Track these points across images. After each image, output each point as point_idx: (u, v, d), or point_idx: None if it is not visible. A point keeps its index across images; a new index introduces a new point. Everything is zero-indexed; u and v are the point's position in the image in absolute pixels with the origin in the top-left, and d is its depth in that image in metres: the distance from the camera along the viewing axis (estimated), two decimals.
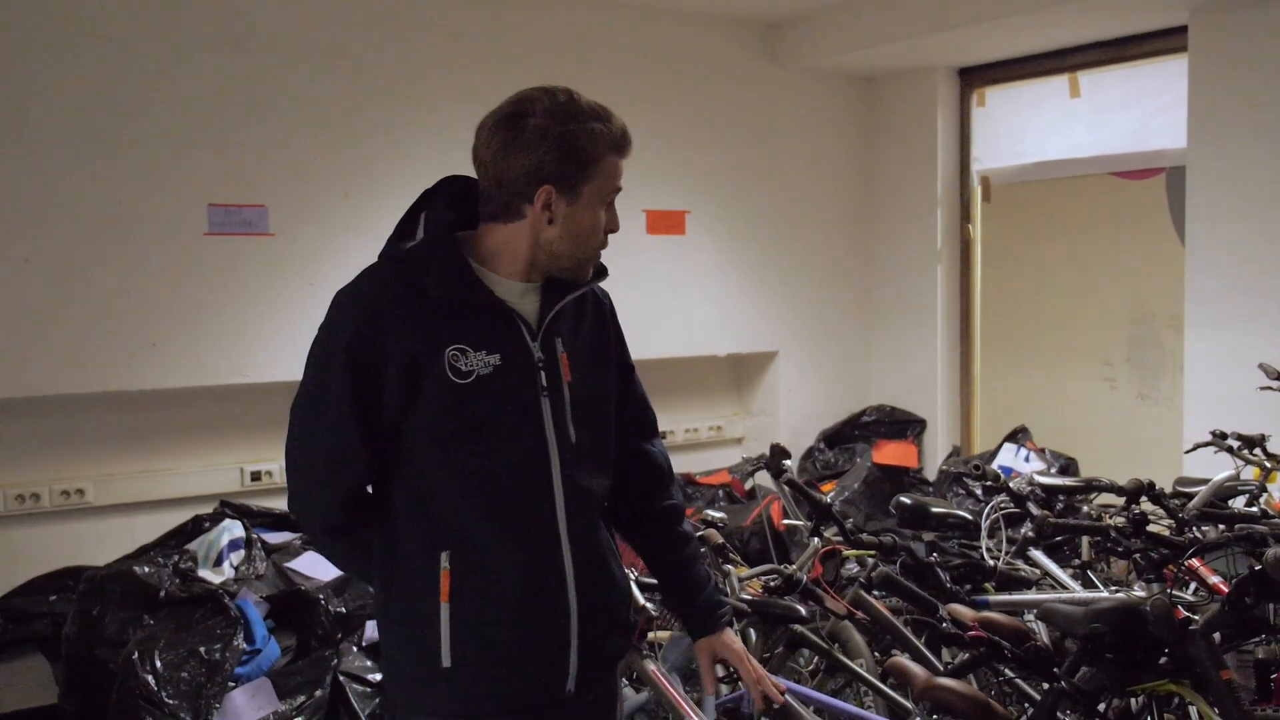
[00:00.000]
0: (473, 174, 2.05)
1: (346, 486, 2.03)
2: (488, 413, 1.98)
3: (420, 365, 1.94)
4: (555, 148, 1.98)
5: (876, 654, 3.28)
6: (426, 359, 1.94)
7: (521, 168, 1.98)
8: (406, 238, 2.03)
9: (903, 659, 2.52)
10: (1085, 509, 3.82)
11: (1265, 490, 3.82)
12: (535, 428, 2.02)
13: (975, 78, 6.18)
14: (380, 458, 2.02)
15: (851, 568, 3.38)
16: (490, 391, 1.97)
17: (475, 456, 1.98)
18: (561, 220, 2.02)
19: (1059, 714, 2.39)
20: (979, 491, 5.20)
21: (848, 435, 6.33)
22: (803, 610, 2.85)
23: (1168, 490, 3.65)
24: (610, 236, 2.14)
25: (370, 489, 2.07)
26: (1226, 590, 2.75)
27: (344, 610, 3.94)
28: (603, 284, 2.22)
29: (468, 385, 1.96)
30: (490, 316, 2.01)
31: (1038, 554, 3.58)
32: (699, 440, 6.20)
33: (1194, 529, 3.36)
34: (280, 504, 4.34)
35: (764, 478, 5.43)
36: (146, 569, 3.93)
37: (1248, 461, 3.94)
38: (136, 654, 3.62)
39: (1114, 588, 3.50)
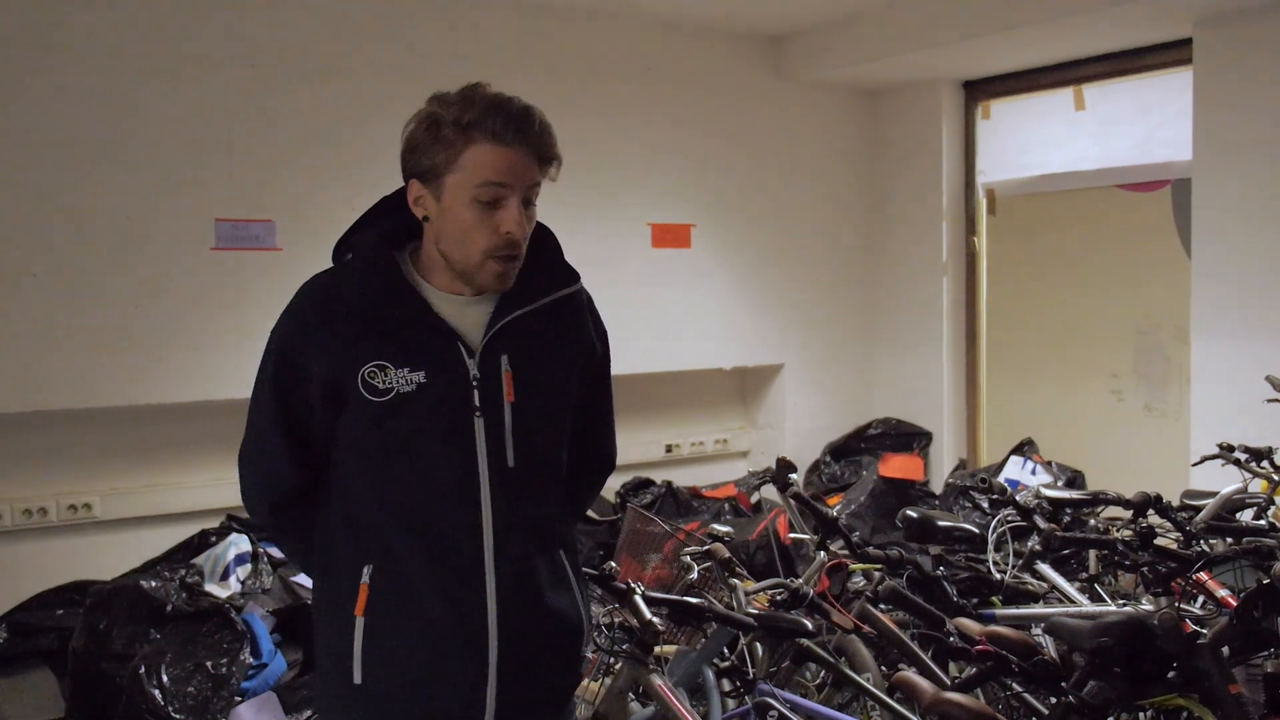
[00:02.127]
0: None
1: (276, 492, 2.03)
2: (408, 432, 1.90)
3: (341, 384, 1.90)
4: (417, 134, 1.89)
5: (883, 668, 3.28)
6: (345, 377, 1.89)
7: (403, 161, 1.92)
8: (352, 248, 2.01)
9: (909, 673, 2.52)
10: (1092, 522, 3.81)
11: (1273, 503, 3.80)
12: (464, 451, 1.92)
13: (980, 90, 6.18)
14: (319, 468, 2.00)
15: (858, 581, 3.37)
16: (412, 410, 1.89)
17: (399, 478, 1.92)
18: (436, 219, 1.90)
19: None
20: (985, 505, 5.19)
21: (853, 448, 6.32)
22: (809, 624, 2.84)
23: (1175, 503, 3.64)
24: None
25: (309, 495, 2.03)
26: (1235, 604, 2.74)
27: None
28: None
29: (385, 403, 1.88)
30: (421, 332, 1.92)
31: (1045, 567, 3.57)
32: (704, 453, 6.19)
33: (1202, 542, 3.35)
34: None
35: (770, 491, 5.42)
36: (153, 583, 3.93)
37: (1255, 474, 3.93)
38: (143, 668, 3.62)
39: (1121, 601, 3.49)
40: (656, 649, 2.82)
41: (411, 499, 1.92)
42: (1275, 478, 3.90)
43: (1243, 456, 3.97)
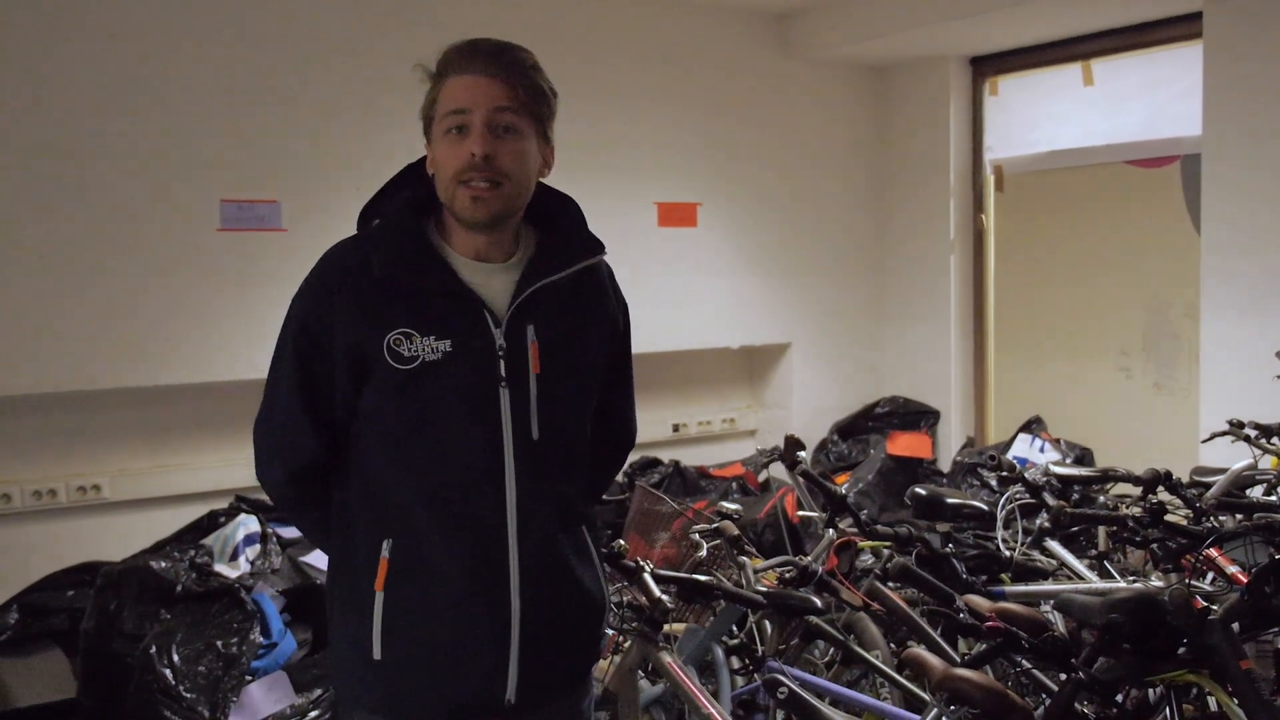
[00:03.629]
0: None
1: (295, 463, 2.00)
2: (433, 401, 1.87)
3: (365, 352, 1.87)
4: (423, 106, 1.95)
5: (892, 645, 3.28)
6: (370, 345, 1.87)
7: None
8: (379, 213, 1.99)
9: (919, 650, 2.52)
10: (1101, 499, 3.80)
11: None
12: (490, 421, 1.89)
13: (988, 66, 6.14)
14: (339, 441, 1.97)
15: (867, 559, 3.37)
16: (437, 379, 1.86)
17: (422, 449, 1.89)
18: (434, 168, 1.94)
19: (1077, 704, 2.38)
20: (994, 482, 5.18)
21: (861, 427, 6.31)
22: (818, 602, 2.84)
23: (1185, 480, 3.63)
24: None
25: (328, 467, 2.00)
26: (1245, 580, 2.73)
27: None
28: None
29: (410, 371, 1.85)
30: (446, 299, 1.89)
31: (1054, 544, 3.57)
32: (712, 433, 6.19)
33: (1212, 518, 3.34)
34: None
35: (778, 470, 5.42)
36: (163, 564, 3.94)
37: (1265, 450, 3.92)
38: (154, 648, 3.64)
39: (1131, 578, 3.48)
40: (666, 627, 2.83)
41: (433, 472, 1.89)
42: None
43: (1252, 433, 3.96)
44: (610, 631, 2.89)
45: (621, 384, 2.19)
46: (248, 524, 4.26)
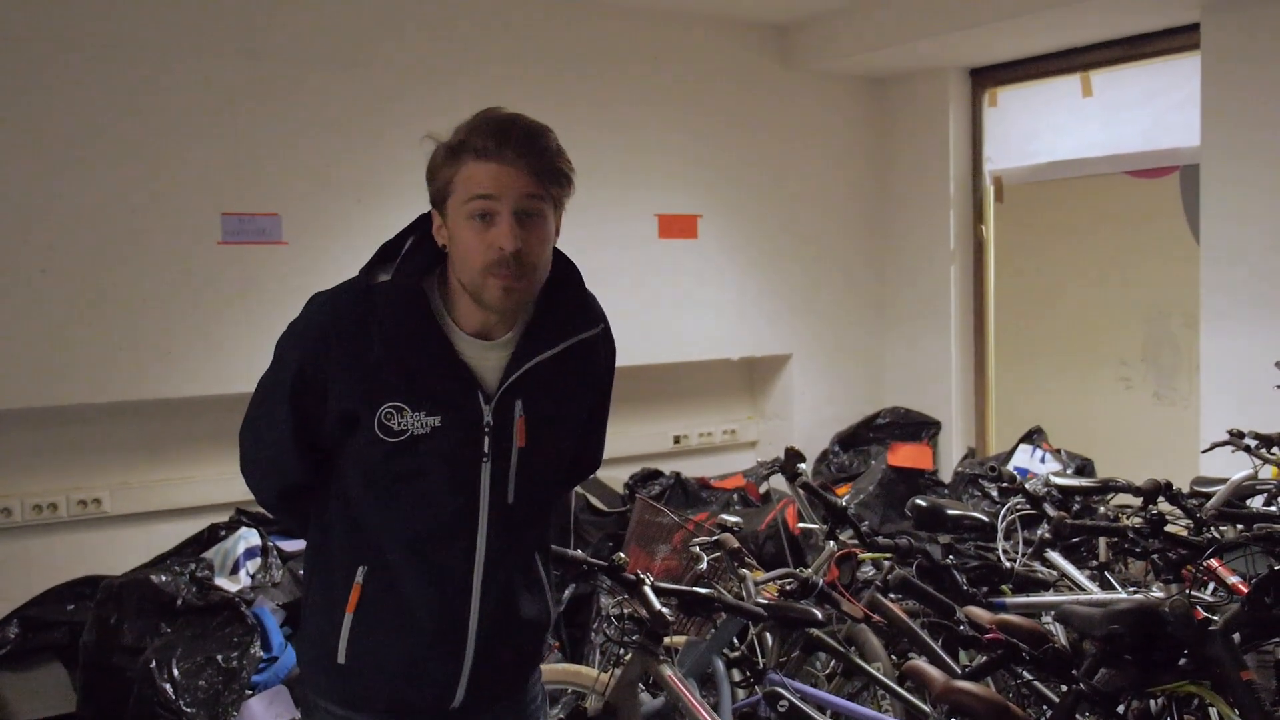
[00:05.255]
0: None
1: (284, 485, 2.06)
2: (417, 470, 1.93)
3: (356, 414, 1.91)
4: (430, 164, 1.91)
5: (893, 657, 3.28)
6: (363, 411, 1.90)
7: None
8: (390, 258, 1.96)
9: (920, 662, 2.51)
10: (1102, 510, 3.80)
11: None
12: (469, 490, 1.95)
13: (987, 78, 6.16)
14: (323, 467, 2.02)
15: (867, 571, 3.37)
16: (423, 451, 1.92)
17: (401, 505, 1.95)
18: (449, 245, 1.90)
19: (1078, 716, 2.38)
20: (995, 493, 5.18)
21: (862, 438, 6.31)
22: (819, 614, 2.84)
23: (1185, 490, 3.63)
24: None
25: (313, 487, 2.06)
26: (1246, 590, 2.73)
27: None
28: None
29: (398, 443, 1.90)
30: (442, 375, 1.92)
31: (1055, 555, 3.56)
32: (712, 444, 6.19)
33: (1212, 529, 3.34)
34: None
35: (779, 481, 5.41)
36: (163, 577, 3.94)
37: (1266, 460, 3.91)
38: (154, 662, 3.63)
39: (1132, 589, 3.48)
40: (666, 639, 2.82)
41: (411, 524, 1.96)
42: None
43: (1253, 443, 3.96)
44: (600, 645, 2.89)
45: (596, 428, 2.23)
46: (248, 537, 4.25)
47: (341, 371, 1.90)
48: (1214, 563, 3.27)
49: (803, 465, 3.73)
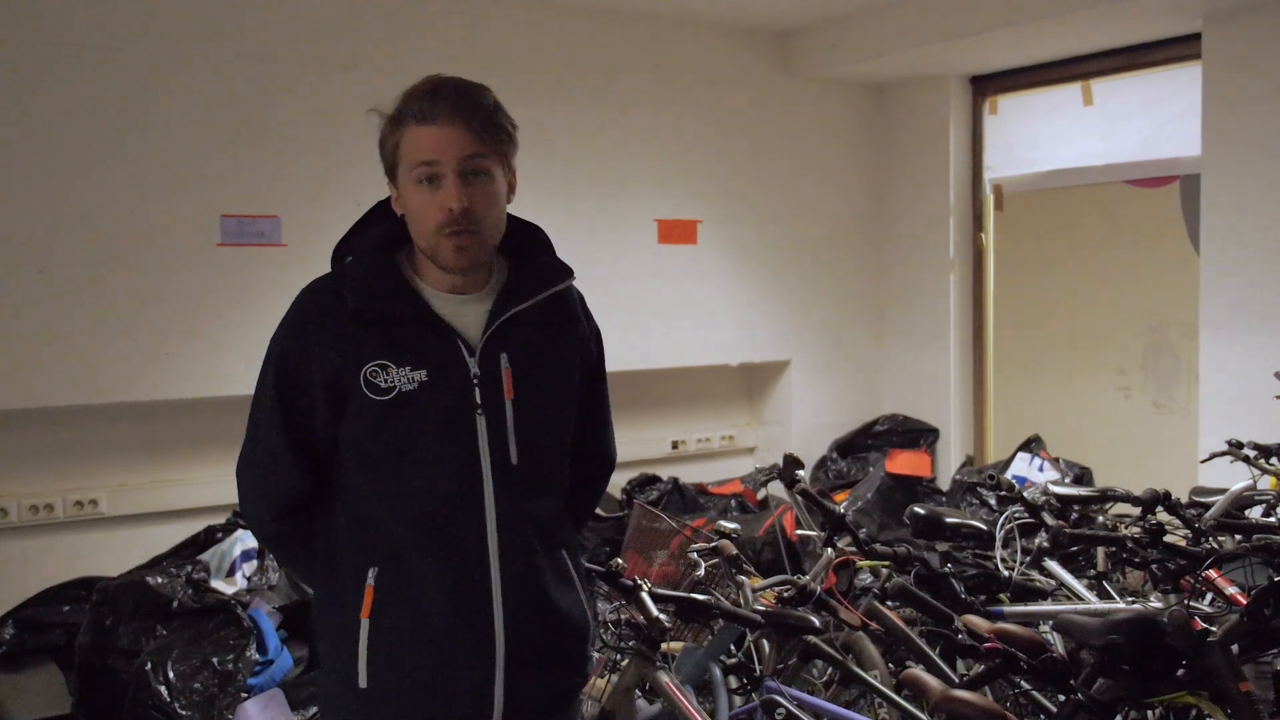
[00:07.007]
0: None
1: (280, 499, 2.03)
2: (411, 430, 1.92)
3: (343, 383, 1.91)
4: (380, 138, 1.97)
5: (891, 665, 3.27)
6: (348, 376, 1.91)
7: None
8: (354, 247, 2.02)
9: (918, 670, 2.51)
10: (1100, 519, 3.79)
11: None
12: (467, 448, 1.93)
13: (988, 86, 6.16)
14: (323, 474, 2.01)
15: (865, 578, 3.36)
16: (414, 408, 1.91)
17: (403, 476, 1.93)
18: (406, 213, 1.96)
19: None
20: (993, 501, 5.17)
21: (860, 445, 6.31)
22: (816, 621, 2.83)
23: (1184, 500, 3.63)
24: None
25: (313, 501, 2.04)
26: (1244, 601, 2.73)
27: None
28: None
29: (387, 402, 1.90)
30: (421, 330, 1.94)
31: (1053, 564, 3.56)
32: (711, 450, 6.18)
33: (1211, 539, 3.34)
34: None
35: (777, 488, 5.41)
36: (159, 579, 3.94)
37: (1264, 471, 3.91)
38: (149, 664, 3.62)
39: (1130, 599, 3.47)
40: (663, 646, 2.82)
41: (415, 500, 1.93)
42: None
43: (1252, 453, 3.95)
44: (597, 655, 2.89)
45: (598, 409, 2.21)
46: (245, 540, 4.25)
47: (321, 348, 1.92)
48: (1212, 573, 3.27)
49: (801, 472, 3.73)
